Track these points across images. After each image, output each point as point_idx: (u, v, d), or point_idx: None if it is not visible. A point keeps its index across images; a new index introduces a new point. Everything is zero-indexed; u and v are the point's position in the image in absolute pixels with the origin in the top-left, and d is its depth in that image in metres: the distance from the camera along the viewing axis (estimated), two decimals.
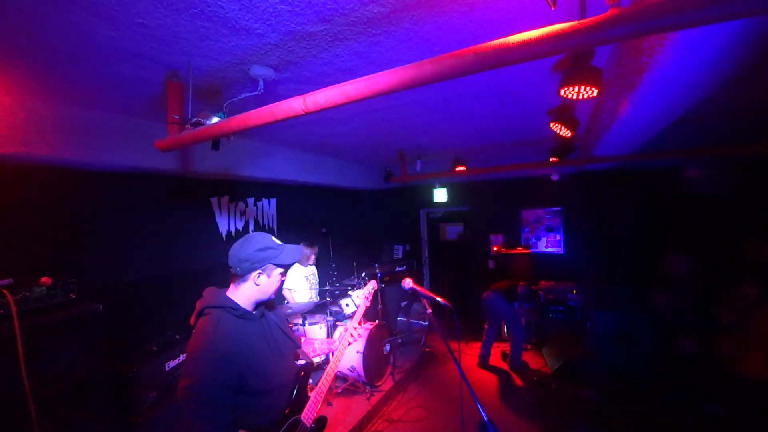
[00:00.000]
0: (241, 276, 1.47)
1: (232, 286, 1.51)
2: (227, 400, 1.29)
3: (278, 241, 1.55)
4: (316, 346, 2.01)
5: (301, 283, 4.40)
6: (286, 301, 4.32)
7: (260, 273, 1.48)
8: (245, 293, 1.49)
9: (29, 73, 1.95)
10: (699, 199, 4.86)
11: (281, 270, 1.53)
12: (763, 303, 2.91)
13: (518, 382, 4.58)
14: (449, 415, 3.82)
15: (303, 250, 4.14)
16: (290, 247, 1.56)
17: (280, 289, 1.59)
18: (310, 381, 1.74)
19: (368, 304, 2.17)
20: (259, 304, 1.55)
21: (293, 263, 1.54)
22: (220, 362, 1.29)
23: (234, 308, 1.44)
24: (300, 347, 1.76)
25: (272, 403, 1.48)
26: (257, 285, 1.48)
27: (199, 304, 1.46)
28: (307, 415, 1.58)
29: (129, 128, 2.79)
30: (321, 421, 1.66)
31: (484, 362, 4.98)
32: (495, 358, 5.17)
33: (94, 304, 2.19)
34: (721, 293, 3.36)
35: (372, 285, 2.21)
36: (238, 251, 1.48)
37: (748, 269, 3.06)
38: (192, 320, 1.45)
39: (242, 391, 1.34)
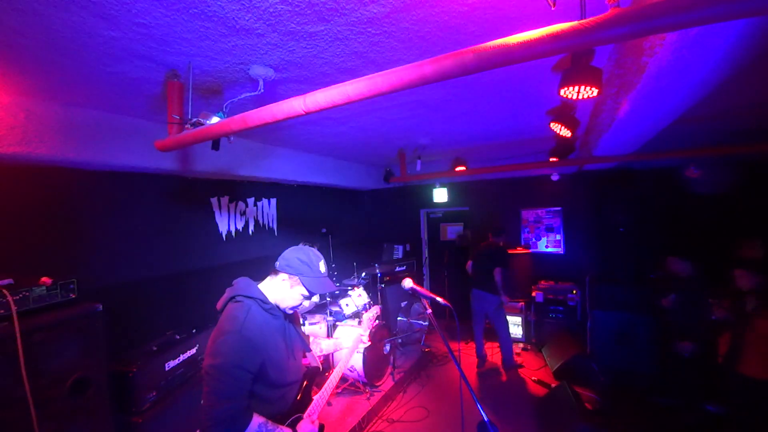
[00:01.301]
0: (275, 271, 1.57)
1: (267, 279, 1.60)
2: (248, 383, 1.36)
3: (323, 270, 1.60)
4: (323, 347, 2.04)
5: None
6: None
7: (286, 278, 1.54)
8: (272, 289, 1.56)
9: (29, 73, 1.95)
10: (699, 199, 4.86)
11: (303, 291, 1.55)
12: (757, 295, 2.91)
13: (518, 382, 4.58)
14: (449, 415, 3.83)
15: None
16: (324, 280, 1.59)
17: (296, 307, 1.62)
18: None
19: (372, 327, 2.24)
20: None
21: (316, 294, 1.57)
22: (248, 347, 1.35)
23: (263, 301, 1.52)
24: (309, 350, 1.78)
25: (283, 397, 1.55)
26: (279, 287, 1.55)
27: (229, 291, 1.53)
28: (309, 417, 1.62)
29: (129, 128, 2.79)
30: (320, 428, 1.70)
31: (482, 362, 4.98)
32: (495, 358, 5.18)
33: (94, 304, 2.18)
34: (718, 291, 3.36)
35: (375, 310, 2.28)
36: (288, 250, 1.59)
37: (744, 267, 3.05)
38: (219, 305, 1.53)
39: (260, 380, 1.41)
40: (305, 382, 1.67)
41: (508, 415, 3.83)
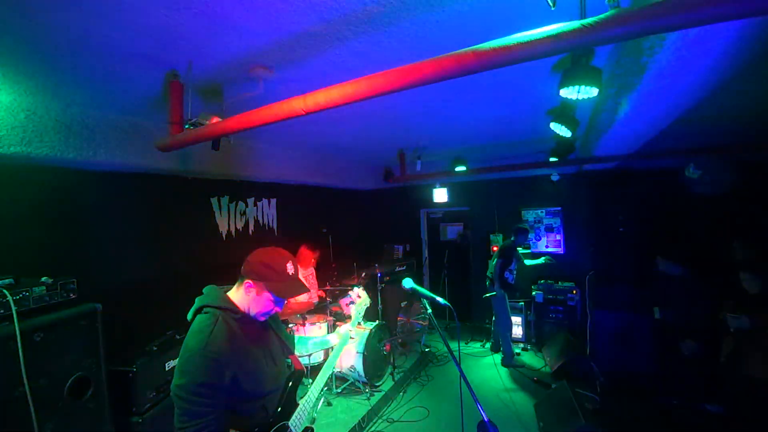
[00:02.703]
0: (241, 277, 1.46)
1: (235, 285, 1.50)
2: (219, 400, 1.29)
3: (292, 271, 1.48)
4: (309, 347, 1.97)
5: None
6: None
7: (251, 284, 1.44)
8: (240, 297, 1.47)
9: (29, 73, 1.95)
10: (699, 199, 4.86)
11: (271, 297, 1.44)
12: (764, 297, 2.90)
13: (518, 382, 4.58)
14: (449, 415, 3.82)
15: (303, 252, 4.18)
16: (292, 284, 1.48)
17: (268, 313, 1.50)
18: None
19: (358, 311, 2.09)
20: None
21: (285, 299, 1.46)
22: (215, 364, 1.28)
23: (233, 311, 1.43)
24: (293, 352, 1.74)
25: (264, 407, 1.47)
26: (246, 294, 1.45)
27: (198, 301, 1.44)
28: (295, 423, 1.55)
29: (129, 128, 2.79)
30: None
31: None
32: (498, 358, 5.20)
33: (94, 304, 2.19)
34: (722, 294, 3.35)
35: (365, 300, 2.11)
36: (252, 254, 1.48)
37: (749, 270, 3.05)
38: (189, 315, 1.44)
39: (235, 394, 1.34)
40: (288, 388, 1.58)
41: (509, 415, 3.83)
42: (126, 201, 3.15)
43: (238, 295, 1.47)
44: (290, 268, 1.48)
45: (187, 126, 2.14)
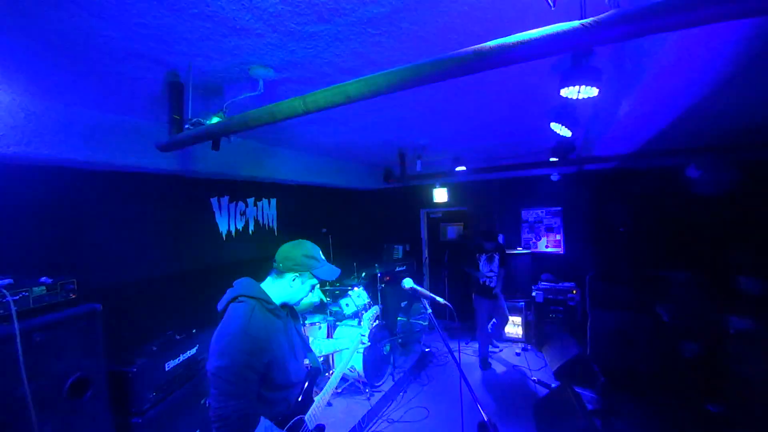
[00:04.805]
0: (280, 272, 1.57)
1: (268, 279, 1.60)
2: (256, 384, 1.36)
3: (323, 257, 1.66)
4: (323, 348, 2.08)
5: None
6: None
7: (297, 276, 1.57)
8: (277, 290, 1.57)
9: (28, 73, 1.95)
10: (699, 199, 4.86)
11: (314, 282, 1.61)
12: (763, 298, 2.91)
13: (518, 382, 4.58)
14: (449, 415, 3.83)
15: None
16: (330, 266, 1.65)
17: (306, 301, 1.69)
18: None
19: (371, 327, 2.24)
20: (284, 306, 1.62)
21: (329, 280, 1.62)
22: (254, 347, 1.35)
23: (267, 301, 1.51)
24: (311, 351, 1.79)
25: (286, 398, 1.54)
26: (290, 287, 1.57)
27: (230, 292, 1.52)
28: (311, 418, 1.63)
29: (129, 128, 2.78)
30: (320, 429, 1.72)
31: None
32: (496, 359, 5.19)
33: (94, 304, 2.18)
34: (723, 296, 3.35)
35: (375, 309, 2.30)
36: (287, 250, 1.60)
37: (748, 273, 3.05)
38: (220, 306, 1.52)
39: (265, 381, 1.41)
40: (306, 384, 1.67)
41: (508, 415, 3.83)
42: (126, 201, 3.15)
43: (275, 287, 1.57)
44: (321, 253, 1.67)
45: (187, 126, 2.14)
